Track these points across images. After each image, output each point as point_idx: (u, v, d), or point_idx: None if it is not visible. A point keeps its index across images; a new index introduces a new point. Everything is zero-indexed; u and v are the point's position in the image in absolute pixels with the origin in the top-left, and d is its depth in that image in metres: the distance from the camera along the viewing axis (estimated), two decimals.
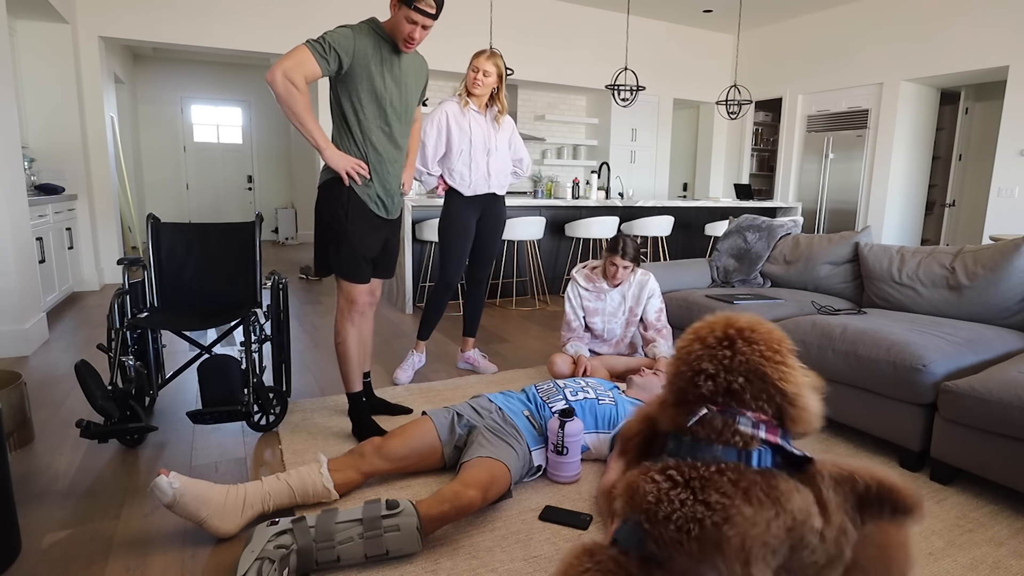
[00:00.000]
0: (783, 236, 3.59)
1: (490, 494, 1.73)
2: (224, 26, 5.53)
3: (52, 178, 5.04)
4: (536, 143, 7.92)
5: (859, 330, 2.33)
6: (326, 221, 2.22)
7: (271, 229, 9.88)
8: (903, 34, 6.31)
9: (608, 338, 3.05)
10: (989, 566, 1.61)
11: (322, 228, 2.24)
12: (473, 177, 2.91)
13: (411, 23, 2.09)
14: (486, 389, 2.94)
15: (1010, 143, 5.55)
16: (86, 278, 5.25)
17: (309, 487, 1.79)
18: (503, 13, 6.77)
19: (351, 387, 2.36)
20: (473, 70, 2.80)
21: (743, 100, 6.31)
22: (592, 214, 5.60)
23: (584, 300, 3.01)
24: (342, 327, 2.31)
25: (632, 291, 3.00)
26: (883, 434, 2.24)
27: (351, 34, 2.07)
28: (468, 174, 2.90)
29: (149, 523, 1.76)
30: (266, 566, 1.42)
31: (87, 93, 5.23)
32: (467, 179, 2.91)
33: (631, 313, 3.01)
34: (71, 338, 3.73)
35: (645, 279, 3.00)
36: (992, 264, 2.56)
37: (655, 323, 2.96)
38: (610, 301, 3.00)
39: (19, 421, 2.21)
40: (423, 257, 4.92)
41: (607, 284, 2.98)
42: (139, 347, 2.47)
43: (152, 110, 8.80)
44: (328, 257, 2.25)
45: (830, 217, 7.29)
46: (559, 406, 2.11)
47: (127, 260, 2.47)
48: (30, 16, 4.72)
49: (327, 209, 2.21)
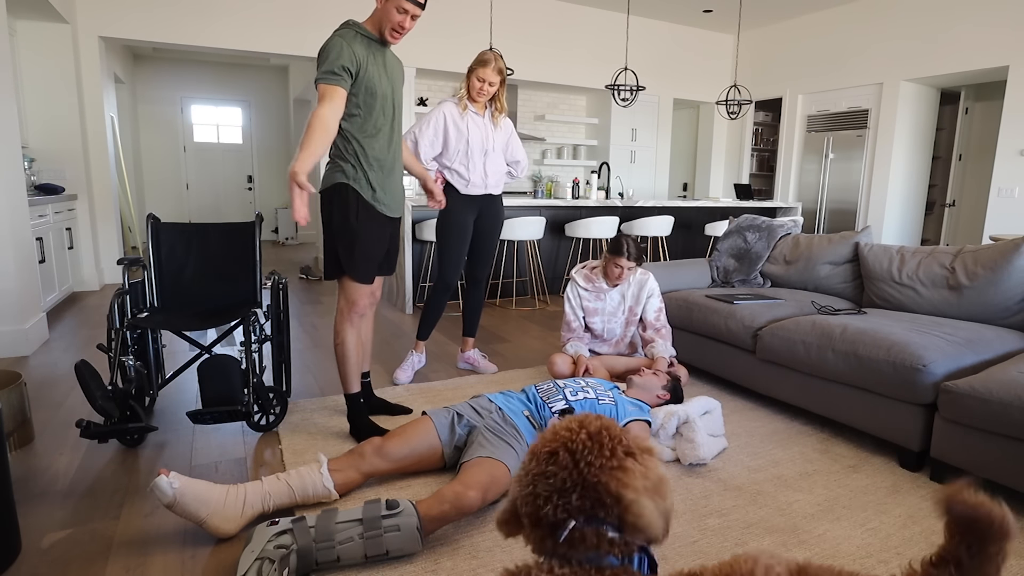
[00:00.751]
0: (783, 236, 3.59)
1: (490, 494, 1.73)
2: (224, 26, 5.53)
3: (52, 178, 5.04)
4: (536, 143, 7.92)
5: (859, 330, 2.33)
6: (336, 224, 2.22)
7: (271, 229, 9.88)
8: (903, 34, 6.31)
9: (608, 338, 3.04)
10: None
11: (331, 231, 2.24)
12: (472, 176, 2.91)
13: (402, 12, 2.11)
14: (486, 389, 2.94)
15: (1010, 143, 5.55)
16: (86, 278, 5.25)
17: (309, 487, 1.79)
18: (503, 13, 6.77)
19: (349, 388, 2.36)
20: (479, 80, 2.79)
21: (743, 100, 6.31)
22: (592, 214, 5.60)
23: (584, 300, 3.01)
24: (341, 328, 2.32)
25: (631, 290, 2.99)
26: (883, 434, 2.24)
27: (344, 43, 2.08)
28: (466, 173, 2.91)
29: (149, 523, 1.76)
30: (266, 566, 1.42)
31: (87, 93, 5.24)
32: (465, 177, 2.91)
33: (631, 312, 3.00)
34: (71, 338, 3.73)
35: (644, 278, 2.99)
36: (992, 264, 2.56)
37: (654, 323, 2.96)
38: (610, 301, 3.00)
39: (19, 421, 2.21)
40: (423, 257, 4.92)
41: (606, 284, 2.98)
42: (139, 347, 2.47)
43: (152, 110, 8.80)
44: (339, 259, 2.25)
45: (830, 217, 7.29)
46: (559, 406, 2.11)
47: (127, 260, 2.47)
48: (30, 16, 4.72)
49: (336, 212, 2.21)
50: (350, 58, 2.07)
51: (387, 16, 2.13)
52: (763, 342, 2.66)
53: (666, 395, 2.41)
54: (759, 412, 2.71)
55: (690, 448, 2.13)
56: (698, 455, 2.11)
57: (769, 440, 2.41)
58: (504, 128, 3.01)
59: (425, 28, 6.39)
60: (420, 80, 7.07)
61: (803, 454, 2.28)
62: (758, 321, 2.76)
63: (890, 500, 1.95)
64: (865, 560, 1.63)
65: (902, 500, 1.95)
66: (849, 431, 2.52)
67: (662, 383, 2.42)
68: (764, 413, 2.70)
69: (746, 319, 2.79)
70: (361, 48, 2.13)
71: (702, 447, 2.12)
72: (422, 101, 6.98)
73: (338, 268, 2.27)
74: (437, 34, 6.45)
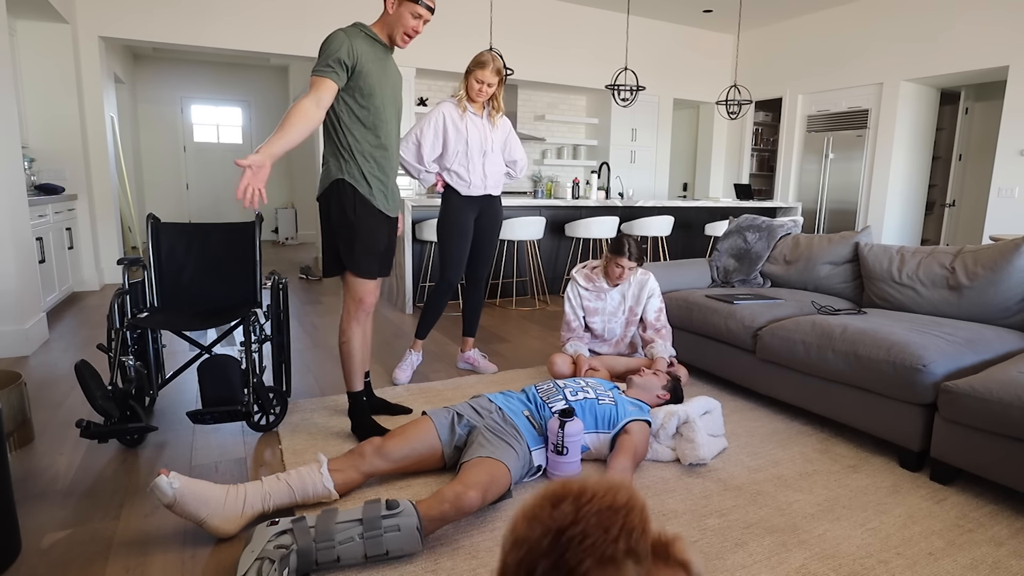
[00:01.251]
0: (783, 236, 3.59)
1: (490, 494, 1.73)
2: (224, 26, 5.53)
3: (52, 178, 5.04)
4: (536, 143, 7.92)
5: (859, 330, 2.33)
6: (335, 221, 2.23)
7: (271, 229, 9.88)
8: (903, 34, 6.31)
9: (608, 338, 3.04)
10: (989, 566, 1.61)
11: (331, 228, 2.25)
12: (472, 177, 2.91)
13: (416, 17, 2.14)
14: (486, 389, 2.94)
15: (1010, 143, 5.55)
16: (86, 278, 5.25)
17: (309, 487, 1.78)
18: (503, 13, 6.77)
19: (353, 386, 2.36)
20: (477, 81, 2.79)
21: (743, 100, 6.31)
22: (592, 214, 5.60)
23: (584, 300, 3.01)
24: (348, 327, 2.32)
25: (632, 290, 2.99)
26: (883, 434, 2.24)
27: (344, 37, 2.10)
28: (466, 174, 2.91)
29: (149, 523, 1.76)
30: (266, 566, 1.42)
31: (87, 93, 5.23)
32: (465, 179, 2.91)
33: (631, 313, 3.00)
34: (71, 338, 3.73)
35: (645, 278, 2.99)
36: (992, 264, 2.56)
37: (654, 323, 2.96)
38: (610, 301, 2.99)
39: (19, 421, 2.21)
40: (423, 257, 4.91)
41: (607, 284, 2.97)
42: (139, 347, 2.47)
43: (152, 110, 8.80)
44: (339, 256, 2.26)
45: (830, 217, 7.29)
46: (559, 406, 2.11)
47: (127, 260, 2.47)
48: (30, 16, 4.72)
49: (335, 209, 2.22)
50: (348, 52, 2.08)
51: (401, 21, 2.15)
52: (763, 342, 2.66)
53: (666, 395, 2.41)
54: (759, 412, 2.71)
55: (690, 448, 2.13)
56: (698, 455, 2.11)
57: (769, 440, 2.41)
58: (502, 127, 3.01)
59: (425, 28, 6.39)
60: (420, 80, 7.07)
61: (803, 454, 2.28)
62: (758, 321, 2.76)
63: (890, 500, 1.95)
64: (865, 560, 1.63)
65: (902, 500, 1.95)
66: (849, 431, 2.52)
67: (662, 383, 2.42)
68: (764, 413, 2.70)
69: (746, 319, 2.79)
70: (363, 45, 2.13)
71: (702, 447, 2.12)
72: (422, 101, 6.98)
73: (338, 265, 2.28)
74: (437, 34, 6.45)
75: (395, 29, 2.18)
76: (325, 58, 2.07)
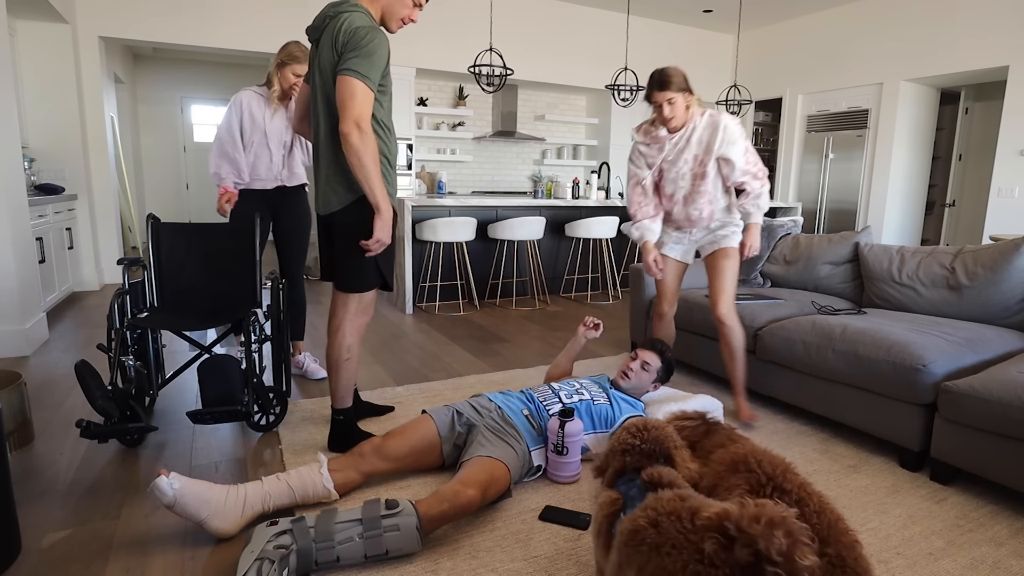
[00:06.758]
0: (783, 236, 3.59)
1: (489, 493, 1.73)
2: (224, 26, 5.53)
3: (52, 178, 5.04)
4: (536, 143, 7.92)
5: (859, 330, 2.33)
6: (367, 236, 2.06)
7: None
8: (903, 34, 6.31)
9: (679, 197, 2.60)
10: (989, 566, 1.61)
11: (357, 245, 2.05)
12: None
13: (416, 6, 2.07)
14: (486, 389, 2.94)
15: (1010, 143, 5.55)
16: (86, 278, 5.25)
17: (309, 487, 1.79)
18: (503, 13, 6.77)
19: (347, 401, 2.21)
20: (295, 75, 2.78)
21: (743, 100, 6.32)
22: (592, 214, 5.60)
23: (647, 158, 2.59)
24: (355, 341, 2.17)
25: (698, 135, 2.46)
26: (883, 434, 2.24)
27: (385, 39, 1.93)
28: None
29: (149, 523, 1.76)
30: (266, 566, 1.42)
31: (87, 93, 5.23)
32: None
33: (698, 163, 2.49)
34: (71, 338, 3.73)
35: (716, 119, 2.44)
36: (992, 264, 2.56)
37: (745, 167, 2.45)
38: (673, 148, 2.53)
39: (19, 421, 2.21)
40: (423, 257, 4.92)
41: (665, 131, 2.53)
42: (139, 347, 2.47)
43: (152, 110, 8.80)
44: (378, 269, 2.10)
45: (830, 217, 7.29)
46: (555, 409, 2.12)
47: (127, 260, 2.47)
48: (30, 16, 4.72)
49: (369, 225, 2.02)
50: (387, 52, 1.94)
51: (400, 5, 2.04)
52: (763, 342, 2.66)
53: (658, 384, 2.39)
54: (759, 412, 2.71)
55: None
56: None
57: (769, 440, 2.41)
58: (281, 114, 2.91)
59: (425, 28, 6.39)
60: (420, 80, 7.07)
61: (803, 454, 2.28)
62: (758, 321, 2.76)
63: (890, 500, 1.95)
64: None
65: (902, 500, 1.95)
66: (849, 431, 2.52)
67: (652, 377, 2.37)
68: (764, 413, 2.70)
69: (746, 319, 2.79)
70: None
71: None
72: (422, 101, 6.98)
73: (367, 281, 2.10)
74: (437, 34, 6.45)
75: (390, 15, 2.05)
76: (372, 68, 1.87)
